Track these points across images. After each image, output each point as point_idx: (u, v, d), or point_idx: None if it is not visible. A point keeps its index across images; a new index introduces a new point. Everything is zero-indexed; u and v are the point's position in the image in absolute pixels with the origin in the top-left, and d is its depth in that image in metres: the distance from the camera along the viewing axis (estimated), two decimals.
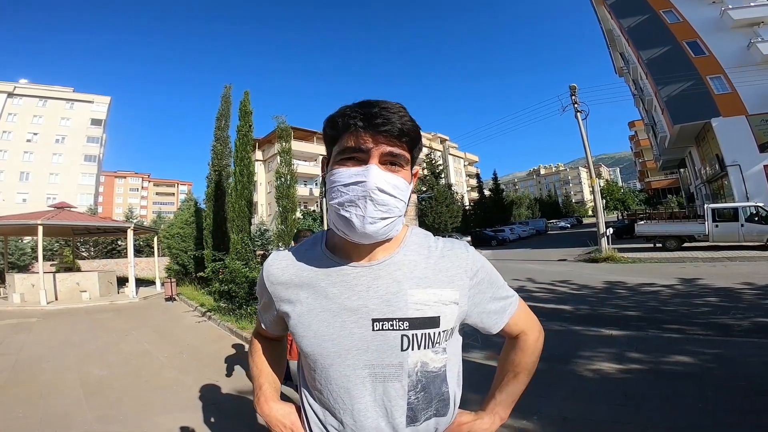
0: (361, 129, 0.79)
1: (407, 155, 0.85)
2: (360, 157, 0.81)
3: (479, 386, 1.39)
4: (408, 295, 0.86)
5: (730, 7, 22.60)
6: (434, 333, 0.87)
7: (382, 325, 0.85)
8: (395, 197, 0.82)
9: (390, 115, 0.79)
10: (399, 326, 0.85)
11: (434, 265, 0.91)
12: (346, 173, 0.81)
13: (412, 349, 0.85)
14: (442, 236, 1.03)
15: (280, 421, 0.99)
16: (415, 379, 0.86)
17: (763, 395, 3.14)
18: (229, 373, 4.91)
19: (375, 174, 0.79)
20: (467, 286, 0.92)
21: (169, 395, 4.26)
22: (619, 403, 3.23)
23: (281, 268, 0.95)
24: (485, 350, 4.68)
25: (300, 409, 0.99)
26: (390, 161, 0.82)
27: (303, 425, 0.96)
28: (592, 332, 5.37)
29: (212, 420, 3.53)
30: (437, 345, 0.88)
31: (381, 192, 0.80)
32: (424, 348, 0.86)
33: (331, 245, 0.94)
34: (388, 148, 0.81)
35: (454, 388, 0.95)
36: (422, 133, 0.91)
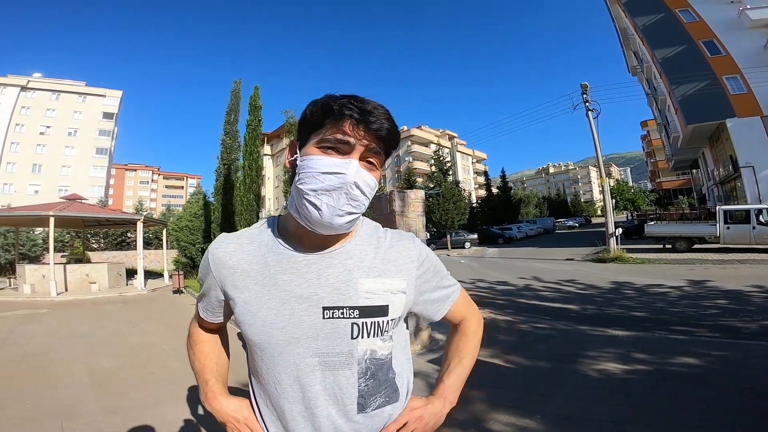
0: (355, 122, 0.79)
1: (383, 157, 0.86)
2: (343, 149, 0.80)
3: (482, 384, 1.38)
4: (358, 283, 0.87)
5: (749, 6, 22.26)
6: (383, 321, 0.88)
7: (333, 313, 0.85)
8: (366, 195, 0.83)
9: (380, 115, 0.80)
10: (349, 314, 0.85)
11: (383, 255, 0.93)
12: (326, 161, 0.80)
13: (362, 337, 0.86)
14: (449, 234, 1.03)
15: (232, 416, 0.94)
16: (364, 367, 0.87)
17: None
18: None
19: (355, 169, 0.79)
20: (414, 276, 0.95)
21: (174, 387, 4.30)
22: (622, 403, 3.20)
23: (228, 252, 0.92)
24: (488, 348, 4.66)
25: (251, 402, 0.97)
26: (368, 159, 0.83)
27: (256, 418, 0.94)
28: (597, 332, 5.33)
29: None
30: (385, 333, 0.90)
31: (356, 188, 0.80)
32: (373, 336, 0.88)
33: (284, 231, 0.93)
34: (373, 146, 0.81)
35: (405, 374, 0.97)
36: (430, 130, 0.92)
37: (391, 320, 0.90)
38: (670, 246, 16.85)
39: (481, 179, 62.18)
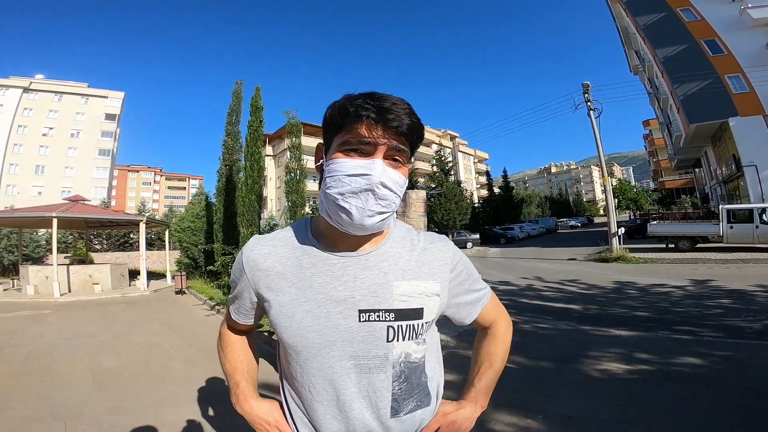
0: (373, 121, 0.78)
1: (409, 153, 0.85)
2: (366, 150, 0.80)
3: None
4: (393, 286, 0.87)
5: (750, 6, 22.17)
6: (418, 324, 0.88)
7: (369, 316, 0.85)
8: (395, 193, 0.82)
9: (400, 111, 0.79)
10: (385, 317, 0.85)
11: (417, 257, 0.92)
12: (350, 164, 0.80)
13: (397, 340, 0.86)
14: (451, 234, 1.03)
15: (263, 419, 0.95)
16: (398, 370, 0.87)
17: None
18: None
19: (380, 169, 0.79)
20: (447, 279, 0.95)
21: (177, 387, 4.32)
22: (625, 404, 3.20)
23: (263, 254, 0.92)
24: None
25: (282, 405, 0.97)
26: (393, 157, 0.82)
27: (287, 420, 0.94)
28: (600, 332, 5.32)
29: (220, 413, 3.56)
30: (419, 336, 0.89)
31: (383, 187, 0.79)
32: (408, 339, 0.87)
33: (317, 233, 0.93)
34: (395, 144, 0.81)
35: (436, 378, 0.97)
36: (432, 130, 0.92)
37: (425, 323, 0.90)
38: (673, 245, 16.81)
39: (483, 179, 62.15)
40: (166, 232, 17.98)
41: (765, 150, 19.09)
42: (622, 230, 16.23)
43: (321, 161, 0.89)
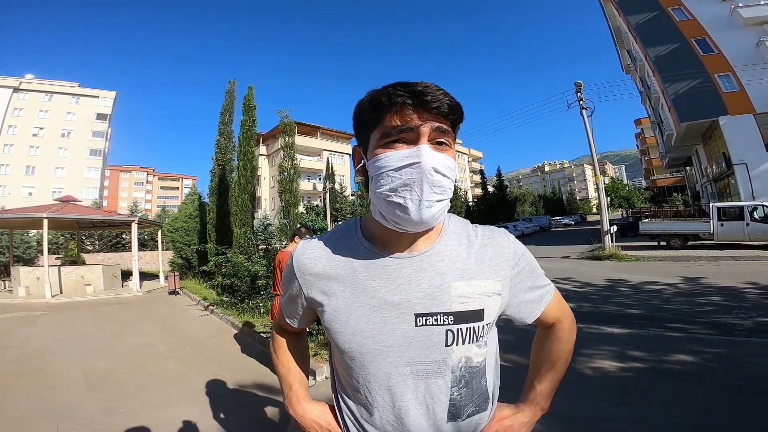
0: (410, 106, 0.74)
1: (453, 134, 0.80)
2: (409, 138, 0.75)
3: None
4: (451, 287, 0.82)
5: (740, 5, 22.35)
6: (478, 326, 0.83)
7: (426, 320, 0.81)
8: (449, 178, 0.77)
9: (436, 92, 0.74)
10: (443, 321, 0.81)
11: (476, 254, 0.87)
12: (395, 156, 0.75)
13: (457, 344, 0.82)
14: None
15: (315, 422, 0.94)
16: (458, 375, 0.83)
17: (764, 395, 3.12)
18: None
19: (429, 154, 0.74)
20: (509, 276, 0.89)
21: (171, 388, 4.29)
22: (619, 401, 3.23)
23: (313, 258, 0.89)
24: None
25: (334, 408, 0.96)
26: (438, 140, 0.77)
27: (339, 425, 0.92)
28: (593, 330, 5.35)
29: (214, 413, 3.55)
30: (480, 339, 0.85)
31: (437, 173, 0.74)
32: (469, 342, 0.83)
33: (368, 234, 0.89)
34: (438, 126, 0.76)
35: (493, 381, 0.92)
36: None
37: (486, 325, 0.85)
38: (664, 243, 16.94)
39: (477, 178, 62.29)
40: (159, 233, 17.85)
41: (755, 148, 19.29)
42: (614, 228, 16.36)
43: (362, 162, 0.84)
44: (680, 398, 3.18)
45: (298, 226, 4.01)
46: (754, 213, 14.67)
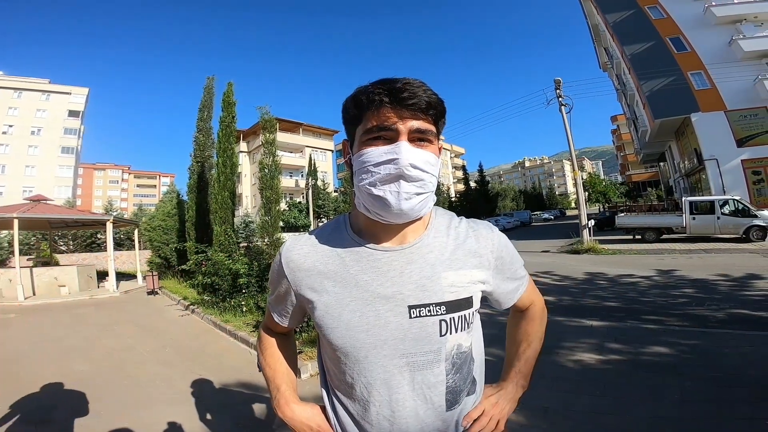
0: (388, 105, 0.76)
1: (434, 129, 0.81)
2: (388, 135, 0.78)
3: None
4: (442, 278, 0.84)
5: (714, 3, 22.96)
6: (468, 314, 0.86)
7: (419, 311, 0.82)
8: (428, 172, 0.79)
9: (415, 89, 0.76)
10: (436, 311, 0.83)
11: (463, 245, 0.90)
12: (375, 152, 0.78)
13: (450, 333, 0.84)
14: None
15: (306, 424, 0.93)
16: (451, 363, 0.86)
17: (739, 387, 3.22)
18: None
19: (407, 150, 0.76)
20: (492, 266, 0.93)
21: (153, 390, 4.22)
22: (599, 394, 3.29)
23: (303, 253, 0.89)
24: None
25: (324, 408, 0.95)
26: (418, 137, 0.79)
27: (330, 425, 0.92)
28: (573, 323, 5.45)
29: (197, 414, 3.50)
30: (470, 325, 0.88)
31: (414, 168, 0.77)
32: (461, 330, 0.85)
33: (357, 229, 0.90)
34: (416, 124, 0.78)
35: (480, 364, 0.96)
36: None
37: (475, 311, 0.89)
38: (639, 237, 17.41)
39: (460, 174, 62.75)
40: (135, 232, 17.44)
41: (725, 144, 19.95)
42: (592, 222, 16.69)
43: (348, 156, 0.87)
44: (657, 390, 3.26)
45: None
46: (725, 207, 15.20)
